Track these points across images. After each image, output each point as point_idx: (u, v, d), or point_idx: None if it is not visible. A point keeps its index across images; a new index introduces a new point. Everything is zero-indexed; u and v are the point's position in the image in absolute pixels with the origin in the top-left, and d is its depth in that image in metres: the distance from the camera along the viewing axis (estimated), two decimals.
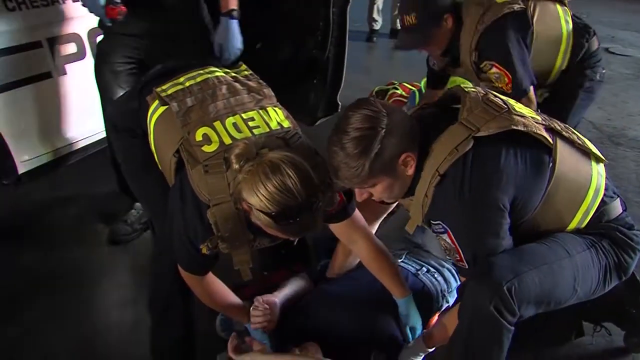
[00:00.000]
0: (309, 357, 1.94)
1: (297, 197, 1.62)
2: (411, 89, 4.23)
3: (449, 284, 2.38)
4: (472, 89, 1.87)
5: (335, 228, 2.10)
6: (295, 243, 1.83)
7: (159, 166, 2.03)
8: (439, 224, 1.78)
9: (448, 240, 1.78)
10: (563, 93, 2.79)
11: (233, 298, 2.13)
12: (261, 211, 1.63)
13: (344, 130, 1.69)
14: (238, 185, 1.69)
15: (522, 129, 1.73)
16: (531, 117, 1.80)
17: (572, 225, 1.85)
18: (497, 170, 1.71)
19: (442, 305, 2.34)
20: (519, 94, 2.51)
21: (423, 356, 2.11)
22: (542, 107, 2.69)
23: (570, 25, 2.68)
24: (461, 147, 1.71)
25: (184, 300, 2.10)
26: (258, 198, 1.62)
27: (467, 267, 1.79)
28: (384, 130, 1.67)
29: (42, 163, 2.89)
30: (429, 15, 2.59)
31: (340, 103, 3.59)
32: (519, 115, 1.77)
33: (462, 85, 1.90)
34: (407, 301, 2.16)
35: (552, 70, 2.73)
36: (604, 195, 1.85)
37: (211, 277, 2.03)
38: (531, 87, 2.59)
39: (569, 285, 1.78)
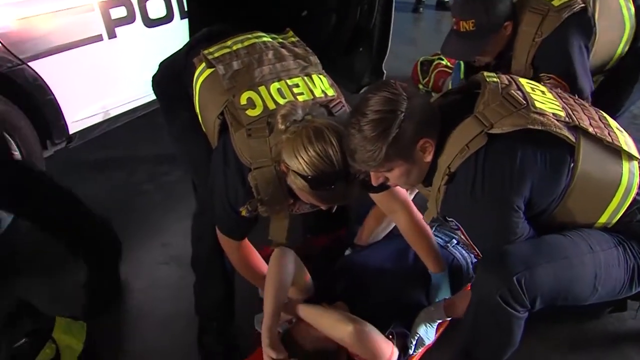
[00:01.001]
0: (349, 315, 1.96)
1: (334, 165, 1.65)
2: (456, 60, 4.18)
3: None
4: (494, 79, 1.78)
5: (376, 197, 2.12)
6: (333, 210, 1.86)
7: (203, 128, 2.06)
8: (452, 220, 1.77)
9: (462, 236, 1.77)
10: (620, 77, 2.64)
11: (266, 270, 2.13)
12: (298, 174, 1.67)
13: (362, 112, 1.62)
14: (279, 145, 1.72)
15: (539, 128, 1.63)
16: (552, 113, 1.69)
17: (599, 223, 1.76)
18: (513, 171, 1.64)
19: (472, 277, 2.26)
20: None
21: (437, 323, 2.08)
22: (597, 92, 2.52)
23: (632, 11, 2.51)
24: (473, 144, 1.64)
25: (223, 262, 2.14)
26: (297, 160, 1.66)
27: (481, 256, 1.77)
28: (403, 114, 1.61)
29: (92, 124, 2.97)
30: (489, 23, 2.41)
31: (385, 71, 3.58)
32: (537, 114, 1.66)
33: (484, 74, 1.81)
34: (442, 276, 2.17)
35: (612, 59, 2.59)
36: (637, 194, 1.75)
37: (248, 245, 2.07)
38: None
39: (589, 283, 1.69)
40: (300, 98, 1.88)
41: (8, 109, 2.55)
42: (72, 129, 2.87)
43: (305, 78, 1.96)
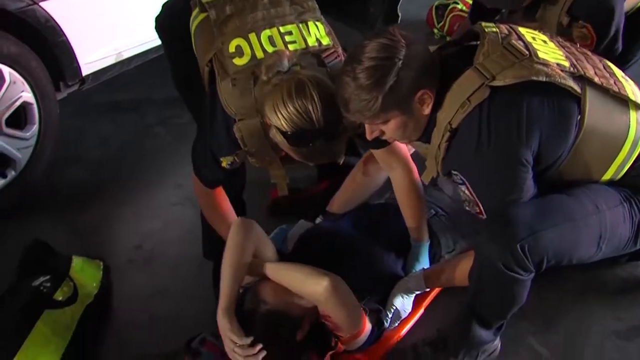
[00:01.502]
0: (323, 270, 1.80)
1: (314, 123, 1.59)
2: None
3: (462, 229, 2.23)
4: (493, 29, 1.67)
5: (376, 153, 2.05)
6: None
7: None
8: (457, 174, 1.66)
9: (467, 192, 1.67)
10: (635, 27, 2.49)
11: (223, 226, 2.06)
12: (278, 128, 1.63)
13: (357, 59, 1.52)
14: (261, 98, 1.67)
15: (544, 80, 1.54)
16: (556, 64, 1.60)
17: (605, 178, 1.70)
18: (519, 123, 1.55)
19: (453, 250, 2.20)
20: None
21: (414, 295, 2.00)
22: None
23: None
24: (474, 97, 1.55)
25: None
26: (276, 115, 1.60)
27: (485, 219, 1.69)
28: (401, 62, 1.50)
29: (105, 66, 2.95)
30: None
31: (400, 14, 3.52)
32: (541, 64, 1.57)
33: (482, 24, 1.70)
34: (423, 246, 2.09)
35: (634, 8, 2.49)
36: None
37: (220, 192, 2.04)
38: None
39: (593, 243, 1.66)
40: (291, 47, 1.81)
41: (20, 50, 2.54)
42: (85, 70, 2.85)
43: (300, 25, 1.88)
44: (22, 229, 2.58)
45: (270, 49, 1.78)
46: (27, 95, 2.58)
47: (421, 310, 2.07)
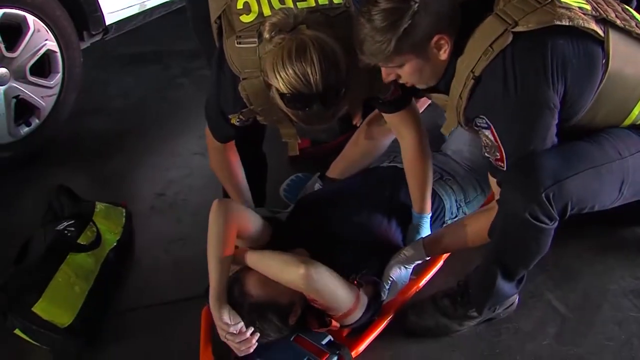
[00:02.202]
0: (301, 257, 1.76)
1: (312, 87, 1.54)
2: None
3: (466, 193, 2.16)
4: None
5: (388, 118, 1.98)
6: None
7: None
8: (482, 118, 1.62)
9: (490, 137, 1.62)
10: None
11: (241, 181, 2.07)
12: (276, 89, 1.59)
13: (374, 0, 1.51)
14: (264, 55, 1.62)
15: (567, 24, 1.51)
16: (578, 7, 1.56)
17: (627, 122, 1.68)
18: (546, 66, 1.52)
19: (456, 216, 2.14)
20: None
21: (413, 265, 1.92)
22: None
23: None
24: (497, 44, 1.52)
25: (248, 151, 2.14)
26: (275, 76, 1.56)
27: (504, 169, 1.64)
28: (417, 5, 1.48)
29: (128, 15, 2.95)
30: None
31: None
32: (563, 8, 1.53)
33: None
34: (425, 218, 2.01)
35: None
36: None
37: (232, 148, 2.03)
38: None
39: (615, 189, 1.64)
40: (300, 5, 1.74)
41: None
42: (109, 20, 2.86)
43: None
44: (46, 176, 2.63)
45: (278, 6, 1.73)
46: (51, 44, 2.61)
47: (440, 262, 2.07)
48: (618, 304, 1.98)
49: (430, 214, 2.01)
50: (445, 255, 2.07)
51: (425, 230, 2.00)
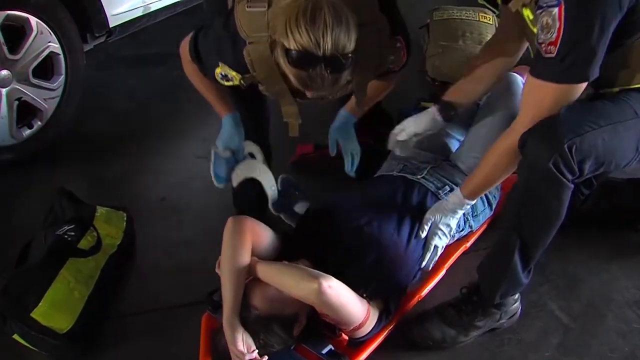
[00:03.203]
0: (313, 270, 1.71)
1: (319, 49, 1.53)
2: None
3: (474, 207, 2.07)
4: None
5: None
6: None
7: None
8: None
9: (556, 15, 1.54)
10: None
11: (219, 93, 2.09)
12: (283, 45, 1.58)
13: None
14: (277, 11, 1.61)
15: None
16: None
17: None
18: None
19: (463, 230, 2.10)
20: None
21: (462, 212, 1.93)
22: None
23: None
24: None
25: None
26: (285, 30, 1.54)
27: (553, 55, 1.56)
28: None
29: (132, 17, 2.95)
30: None
31: None
32: None
33: None
34: (349, 117, 2.14)
35: None
36: None
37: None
38: None
39: (632, 147, 1.67)
40: None
41: (48, 0, 2.54)
42: (112, 22, 2.85)
43: None
44: (48, 178, 2.61)
45: None
46: (54, 46, 2.59)
47: (442, 272, 2.05)
48: (622, 315, 1.97)
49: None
50: (447, 265, 2.05)
51: (351, 136, 2.12)
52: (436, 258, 1.97)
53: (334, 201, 2.06)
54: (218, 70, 1.81)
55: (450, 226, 1.95)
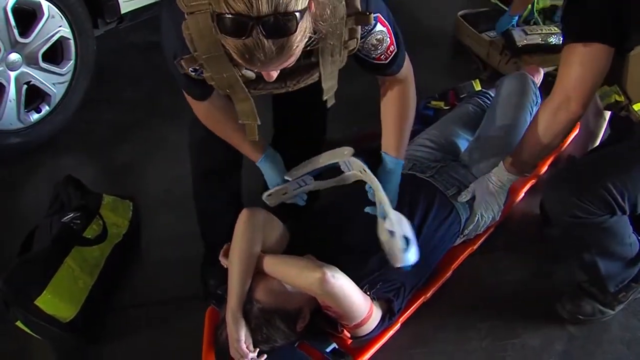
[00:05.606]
0: (318, 261, 1.71)
1: (252, 8, 1.22)
2: None
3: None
4: None
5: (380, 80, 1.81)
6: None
7: None
8: None
9: None
10: None
11: (235, 132, 1.81)
12: (215, 11, 1.26)
13: None
14: None
15: None
16: None
17: None
18: None
19: (465, 235, 2.08)
20: None
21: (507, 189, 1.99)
22: None
23: None
24: None
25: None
26: None
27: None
28: None
29: (143, 4, 2.93)
30: None
31: None
32: None
33: None
34: (397, 163, 1.84)
35: None
36: None
37: (215, 104, 1.80)
38: None
39: None
40: None
41: None
42: (124, 8, 2.85)
43: None
44: (55, 165, 2.61)
45: None
46: (65, 31, 2.58)
47: (449, 273, 2.03)
48: (627, 323, 1.95)
49: (402, 162, 1.87)
50: (453, 266, 2.03)
51: (394, 180, 1.86)
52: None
53: (342, 198, 2.05)
54: (184, 65, 1.54)
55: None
